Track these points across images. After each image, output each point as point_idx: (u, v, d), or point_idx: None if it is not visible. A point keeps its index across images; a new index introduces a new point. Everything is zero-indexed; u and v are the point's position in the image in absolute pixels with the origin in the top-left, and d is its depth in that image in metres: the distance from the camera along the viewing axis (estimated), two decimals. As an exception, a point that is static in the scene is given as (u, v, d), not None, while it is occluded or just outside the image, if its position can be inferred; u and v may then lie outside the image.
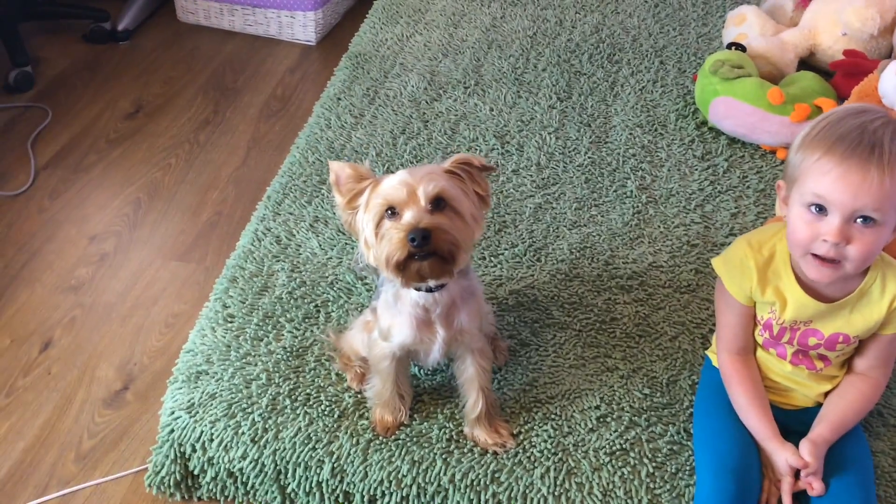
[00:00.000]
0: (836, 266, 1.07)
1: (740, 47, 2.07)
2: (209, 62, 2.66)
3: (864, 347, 1.21)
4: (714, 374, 1.29)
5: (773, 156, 1.93)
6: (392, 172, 1.15)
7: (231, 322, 1.49)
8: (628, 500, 1.22)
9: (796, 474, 1.17)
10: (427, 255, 1.08)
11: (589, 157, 1.92)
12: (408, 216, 1.08)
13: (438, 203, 1.09)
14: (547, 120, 2.04)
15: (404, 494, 1.26)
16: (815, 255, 1.07)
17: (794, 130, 1.87)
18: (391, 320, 1.21)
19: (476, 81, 2.19)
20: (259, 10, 2.76)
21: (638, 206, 1.78)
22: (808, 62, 2.17)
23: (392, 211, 1.10)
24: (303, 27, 2.75)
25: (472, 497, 1.25)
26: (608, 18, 2.46)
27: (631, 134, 2.00)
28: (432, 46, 2.34)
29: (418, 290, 1.16)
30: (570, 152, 1.94)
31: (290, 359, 1.43)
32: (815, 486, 1.15)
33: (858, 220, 1.03)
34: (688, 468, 1.26)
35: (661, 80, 2.19)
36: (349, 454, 1.29)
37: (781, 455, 1.17)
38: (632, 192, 1.82)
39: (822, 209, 1.05)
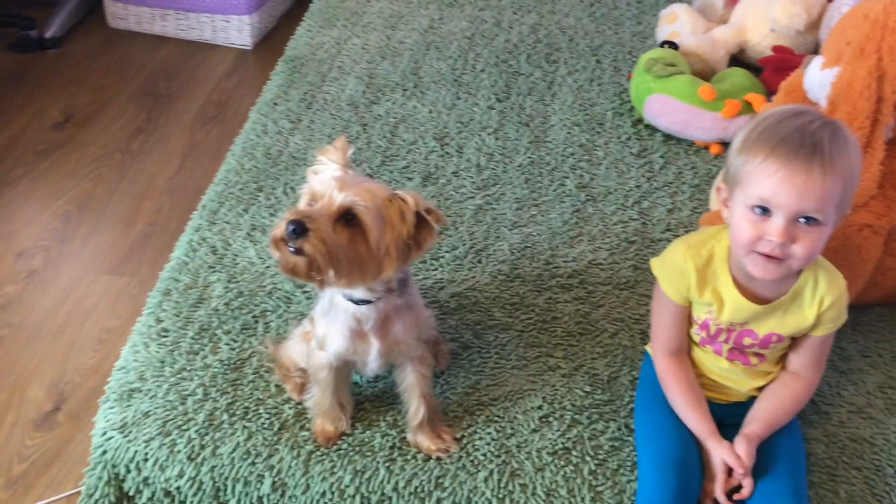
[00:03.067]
0: (781, 263, 1.08)
1: (673, 45, 2.10)
2: (141, 69, 2.60)
3: (797, 346, 1.24)
4: (654, 370, 1.30)
5: (706, 151, 1.96)
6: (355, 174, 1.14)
7: (165, 336, 1.45)
8: (571, 499, 1.22)
9: (729, 471, 1.18)
10: (298, 252, 1.04)
11: (528, 157, 1.93)
12: (307, 208, 1.07)
13: (349, 217, 1.06)
14: (486, 121, 2.04)
15: (348, 505, 1.24)
16: (760, 253, 1.08)
17: (726, 126, 1.91)
18: (326, 328, 1.19)
19: (415, 84, 2.18)
20: (192, 15, 2.70)
21: (577, 205, 1.79)
22: (738, 58, 2.22)
23: (314, 201, 1.09)
24: (238, 31, 2.71)
25: (416, 504, 1.23)
26: (545, 18, 2.47)
27: (569, 133, 2.01)
28: (370, 49, 2.32)
29: (347, 298, 1.14)
30: (509, 153, 1.94)
31: (228, 372, 1.39)
32: (745, 486, 1.17)
33: (802, 220, 1.05)
34: (629, 464, 1.26)
35: (598, 79, 2.20)
36: (290, 467, 1.26)
37: (718, 453, 1.19)
38: (571, 190, 1.83)
39: (766, 210, 1.06)
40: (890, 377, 1.44)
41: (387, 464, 1.27)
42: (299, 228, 1.02)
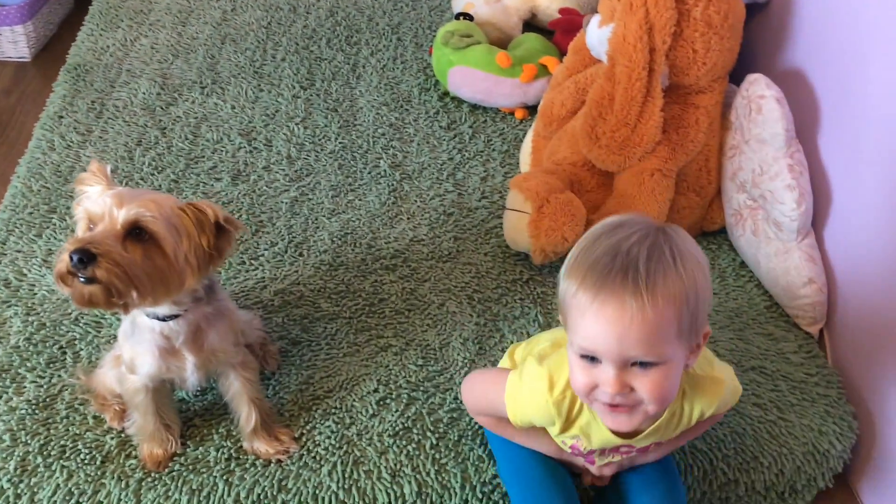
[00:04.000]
0: (631, 411, 0.93)
1: (468, 17, 2.14)
2: None
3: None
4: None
5: (512, 117, 2.01)
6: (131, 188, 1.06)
7: (-41, 385, 1.32)
8: (417, 476, 1.24)
9: None
10: (91, 281, 0.98)
11: (340, 143, 1.90)
12: (88, 233, 1.00)
13: (138, 232, 1.00)
14: (293, 111, 2.00)
15: (189, 527, 1.19)
16: (605, 403, 0.93)
17: (526, 90, 1.97)
18: (132, 350, 1.12)
19: (213, 80, 2.09)
20: (-43, 30, 2.45)
21: (393, 184, 1.79)
22: (531, 24, 2.29)
23: (93, 225, 1.02)
24: (13, 43, 2.48)
25: (260, 512, 1.20)
26: (342, 1, 2.44)
27: (378, 113, 2.00)
28: (160, 48, 2.20)
29: (151, 316, 1.08)
30: (320, 140, 1.91)
31: (37, 411, 1.29)
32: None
33: (637, 364, 0.89)
34: (469, 432, 1.29)
35: (401, 57, 2.21)
36: (119, 500, 1.19)
37: (578, 460, 1.15)
38: (385, 171, 1.83)
39: (595, 358, 0.90)
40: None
41: (225, 476, 1.22)
42: (85, 256, 0.95)
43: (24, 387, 1.32)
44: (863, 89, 1.44)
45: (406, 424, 1.30)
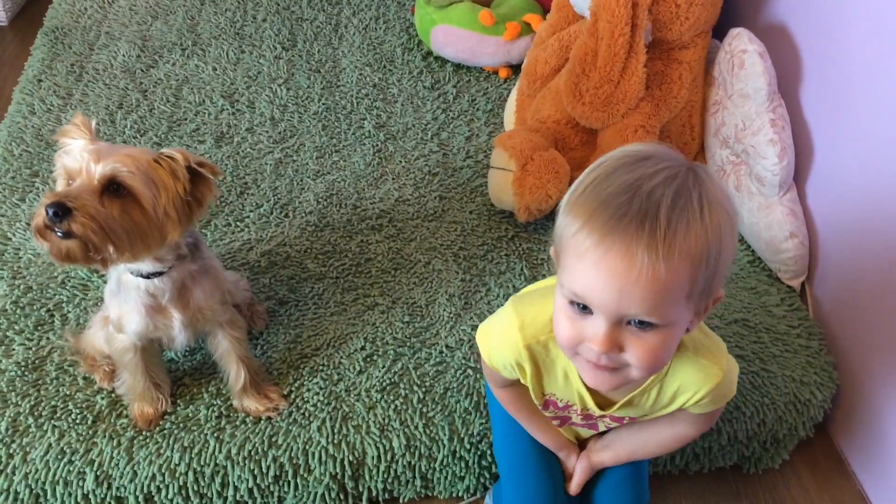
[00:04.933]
0: (615, 372, 0.81)
1: (451, -26, 2.11)
2: None
3: (677, 413, 1.01)
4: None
5: (496, 76, 2.01)
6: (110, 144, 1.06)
7: (-53, 349, 1.32)
8: (405, 430, 1.25)
9: None
10: (68, 236, 0.98)
11: (323, 104, 1.89)
12: (66, 188, 1.00)
13: (115, 187, 1.00)
14: (275, 72, 1.98)
15: (181, 483, 1.20)
16: (588, 360, 0.81)
17: (510, 49, 1.96)
18: (119, 309, 1.13)
19: (193, 41, 2.06)
20: (-71, -7, 2.40)
21: (378, 145, 1.79)
22: (515, -18, 2.27)
23: (71, 181, 1.02)
24: (-12, 6, 2.44)
25: (251, 467, 1.21)
26: (323, -40, 2.41)
27: (361, 74, 1.99)
28: (139, 9, 2.17)
29: (136, 274, 1.08)
30: (303, 101, 1.90)
31: (27, 373, 1.30)
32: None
33: (633, 323, 0.76)
34: (454, 385, 1.31)
35: (384, 17, 2.19)
36: (112, 458, 1.20)
37: (570, 462, 1.12)
38: (370, 131, 1.82)
39: (586, 308, 0.77)
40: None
41: (216, 434, 1.24)
42: (61, 210, 0.95)
43: (13, 349, 1.33)
44: (845, 45, 1.44)
45: (393, 380, 1.32)
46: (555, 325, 0.83)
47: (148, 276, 1.08)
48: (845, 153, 1.45)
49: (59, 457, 1.20)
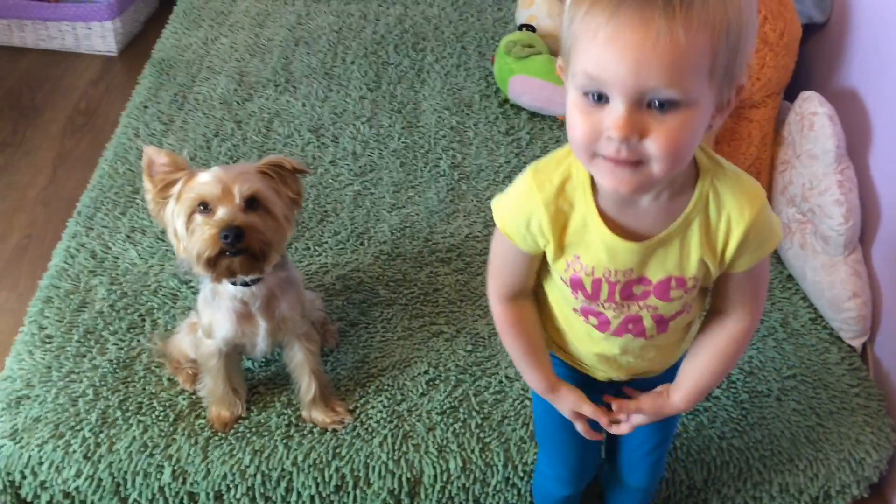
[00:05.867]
0: (635, 168, 0.75)
1: (531, 28, 2.22)
2: (2, 82, 2.51)
3: (719, 289, 0.93)
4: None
5: (569, 125, 2.08)
6: (222, 167, 1.18)
7: (49, 343, 1.45)
8: (462, 452, 1.31)
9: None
10: (238, 252, 1.11)
11: (402, 142, 2.00)
12: (221, 213, 1.11)
13: (252, 202, 1.14)
14: (359, 111, 2.10)
15: (249, 485, 1.29)
16: (606, 157, 0.75)
17: (584, 100, 2.04)
18: (211, 316, 1.23)
19: (286, 79, 2.21)
20: (52, 24, 2.63)
21: (451, 184, 1.88)
22: (592, 37, 2.36)
23: (205, 206, 1.12)
24: (101, 38, 2.65)
25: (315, 475, 1.29)
26: (409, 10, 2.55)
27: (440, 117, 2.09)
28: (239, 48, 2.34)
29: (234, 284, 1.19)
30: (384, 139, 2.01)
31: (118, 371, 1.41)
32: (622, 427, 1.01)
33: (654, 105, 0.71)
34: (512, 413, 1.36)
35: (464, 65, 2.30)
36: (189, 455, 1.29)
37: (564, 404, 1.01)
38: (445, 171, 1.92)
39: (600, 97, 0.73)
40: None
41: (284, 441, 1.32)
42: (233, 232, 1.09)
43: (107, 348, 1.44)
44: (915, 110, 1.47)
45: (453, 404, 1.38)
46: (569, 129, 0.78)
47: (248, 284, 1.19)
48: (912, 217, 1.47)
49: (142, 449, 1.29)
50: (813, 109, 1.59)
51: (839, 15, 1.75)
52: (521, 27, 2.23)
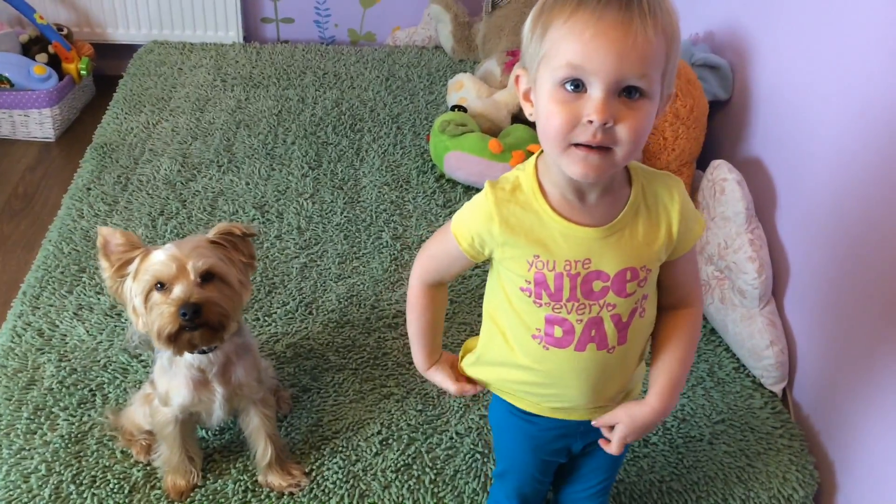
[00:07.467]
0: (605, 154, 0.87)
1: (462, 108, 2.37)
2: (-66, 169, 2.50)
3: (666, 280, 1.04)
4: (503, 407, 1.15)
5: (502, 197, 2.21)
6: (175, 242, 1.22)
7: (-3, 421, 1.44)
8: (417, 508, 1.35)
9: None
10: (197, 327, 1.15)
11: (345, 217, 2.08)
12: (178, 291, 1.15)
13: (207, 276, 1.18)
14: (302, 187, 2.18)
15: (207, 553, 1.29)
16: (579, 145, 0.86)
17: (515, 173, 2.17)
18: (168, 384, 1.26)
19: (229, 159, 2.28)
20: (-12, 111, 2.65)
21: (394, 254, 1.96)
22: (518, 116, 2.52)
23: (161, 285, 1.16)
24: (39, 125, 2.68)
25: (274, 539, 1.30)
26: (346, 93, 2.68)
27: (380, 192, 2.19)
28: (180, 131, 2.40)
29: (191, 352, 1.22)
30: (327, 214, 2.09)
31: (70, 445, 1.40)
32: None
33: (623, 94, 0.85)
34: (464, 468, 1.41)
35: (401, 143, 2.42)
36: (145, 525, 1.29)
37: (435, 380, 1.16)
38: (387, 242, 2.00)
39: (579, 85, 0.85)
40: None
41: (241, 506, 1.33)
42: (191, 309, 1.12)
43: (58, 424, 1.44)
44: (812, 175, 1.64)
45: (407, 462, 1.42)
46: (545, 124, 0.88)
47: (204, 351, 1.22)
48: (816, 270, 1.63)
49: (96, 523, 1.29)
50: (723, 176, 1.76)
51: (741, 92, 1.95)
52: (453, 108, 2.38)
